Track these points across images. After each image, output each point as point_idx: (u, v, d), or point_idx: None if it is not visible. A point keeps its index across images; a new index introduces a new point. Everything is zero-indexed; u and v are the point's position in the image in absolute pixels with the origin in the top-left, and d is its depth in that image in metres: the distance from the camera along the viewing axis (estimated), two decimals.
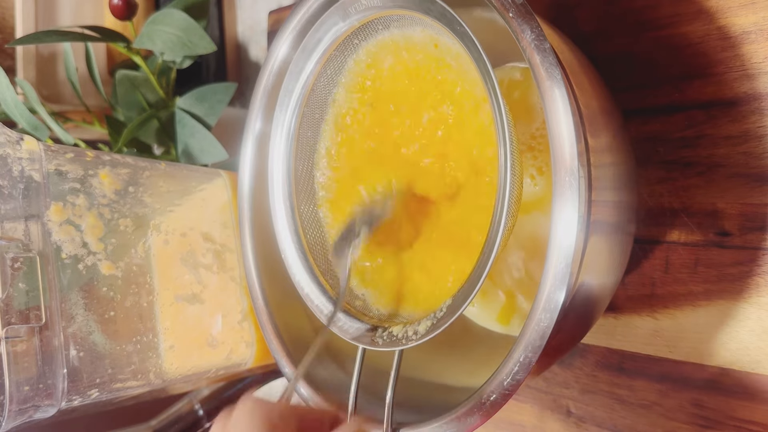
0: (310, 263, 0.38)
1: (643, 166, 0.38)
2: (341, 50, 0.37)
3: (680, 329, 0.37)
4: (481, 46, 0.28)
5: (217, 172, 0.47)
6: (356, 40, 0.37)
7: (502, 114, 0.27)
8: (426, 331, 0.31)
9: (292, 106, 0.38)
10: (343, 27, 0.36)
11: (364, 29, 0.36)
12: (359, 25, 0.35)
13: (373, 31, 0.36)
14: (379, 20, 0.35)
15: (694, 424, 0.36)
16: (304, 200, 0.39)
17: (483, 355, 0.41)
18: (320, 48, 0.37)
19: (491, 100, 0.28)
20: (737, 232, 0.34)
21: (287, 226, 0.39)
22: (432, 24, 0.32)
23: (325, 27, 0.36)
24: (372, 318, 0.36)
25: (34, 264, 0.34)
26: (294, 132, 0.39)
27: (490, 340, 0.41)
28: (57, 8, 0.70)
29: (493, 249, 0.28)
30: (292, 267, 0.38)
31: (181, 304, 0.41)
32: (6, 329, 0.32)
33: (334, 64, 0.38)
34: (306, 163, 0.40)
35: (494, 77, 0.28)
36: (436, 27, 0.32)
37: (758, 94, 0.34)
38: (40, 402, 0.33)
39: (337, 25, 0.36)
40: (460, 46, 0.30)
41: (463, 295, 0.30)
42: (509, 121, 0.28)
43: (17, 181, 0.34)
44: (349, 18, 0.35)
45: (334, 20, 0.36)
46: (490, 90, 0.28)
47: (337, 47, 0.37)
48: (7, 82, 0.51)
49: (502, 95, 0.27)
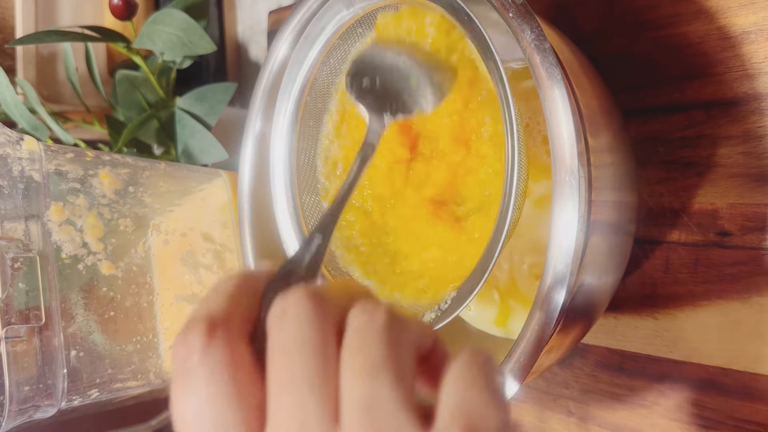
0: None
1: (643, 166, 0.38)
2: (345, 39, 0.37)
3: (680, 329, 0.37)
4: (486, 32, 0.28)
5: (217, 172, 0.47)
6: (360, 29, 0.36)
7: (510, 105, 0.27)
8: (429, 324, 0.31)
9: (294, 95, 0.38)
10: (347, 15, 0.36)
11: (368, 18, 0.36)
12: (363, 13, 0.35)
13: (375, 20, 0.36)
14: (384, 9, 0.35)
15: (694, 424, 0.36)
16: (306, 190, 0.39)
17: None
18: (323, 37, 0.37)
19: (497, 89, 0.28)
20: (737, 232, 0.34)
21: (288, 216, 0.38)
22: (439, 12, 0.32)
23: (329, 15, 0.36)
24: None
25: (34, 264, 0.34)
26: (296, 122, 0.39)
27: (489, 343, 0.41)
28: (57, 8, 0.70)
29: (501, 238, 0.28)
30: None
31: (181, 304, 0.41)
32: (6, 329, 0.32)
33: (338, 54, 0.37)
34: (308, 152, 0.40)
35: (501, 66, 0.28)
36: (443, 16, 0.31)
37: (758, 94, 0.34)
38: (40, 402, 0.33)
39: (341, 13, 0.36)
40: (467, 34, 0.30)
41: (467, 287, 0.30)
42: (517, 116, 0.28)
43: (17, 181, 0.34)
44: (353, 6, 0.35)
45: (338, 8, 0.36)
46: (497, 80, 0.28)
47: (341, 36, 0.37)
48: (7, 82, 0.51)
49: (509, 84, 0.27)
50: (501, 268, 0.40)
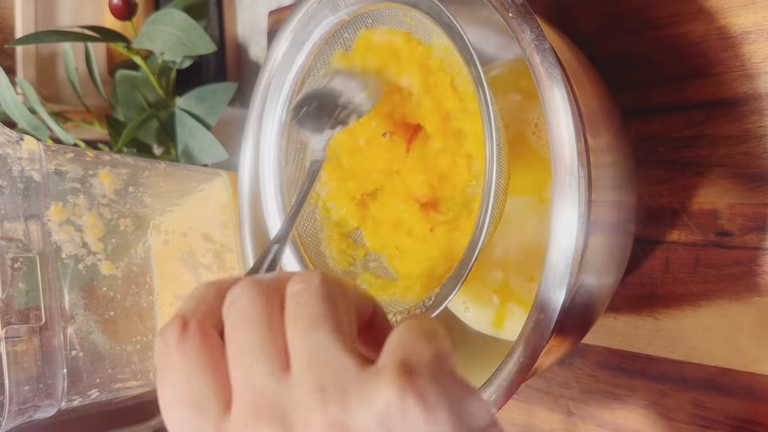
0: (301, 253, 0.38)
1: (643, 166, 0.38)
2: (331, 44, 0.37)
3: (680, 329, 0.37)
4: (466, 36, 0.28)
5: (217, 172, 0.47)
6: (346, 33, 0.37)
7: (488, 104, 0.27)
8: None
9: (282, 98, 0.39)
10: (333, 20, 0.36)
11: (353, 22, 0.36)
12: (349, 18, 0.36)
13: (362, 24, 0.36)
14: (368, 14, 0.35)
15: (694, 424, 0.36)
16: (295, 191, 0.39)
17: (480, 359, 0.41)
18: (310, 41, 0.37)
19: (477, 90, 0.28)
20: (737, 232, 0.34)
21: (278, 217, 0.39)
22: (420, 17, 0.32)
23: (315, 20, 0.37)
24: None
25: (34, 264, 0.34)
26: (285, 125, 0.39)
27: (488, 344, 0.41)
28: (57, 8, 0.70)
29: (481, 235, 0.28)
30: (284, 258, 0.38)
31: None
32: (6, 329, 0.32)
33: (325, 58, 0.38)
34: (297, 154, 0.40)
35: (480, 69, 0.28)
36: (424, 20, 0.32)
37: (758, 94, 0.34)
38: (40, 402, 0.33)
39: (327, 18, 0.36)
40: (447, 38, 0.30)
41: (450, 285, 0.30)
42: (495, 113, 0.28)
43: (17, 181, 0.34)
44: (338, 11, 0.36)
45: (324, 13, 0.36)
46: (477, 82, 0.28)
47: (327, 40, 0.37)
48: (7, 82, 0.51)
49: (488, 86, 0.28)
50: (496, 270, 0.40)
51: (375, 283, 0.37)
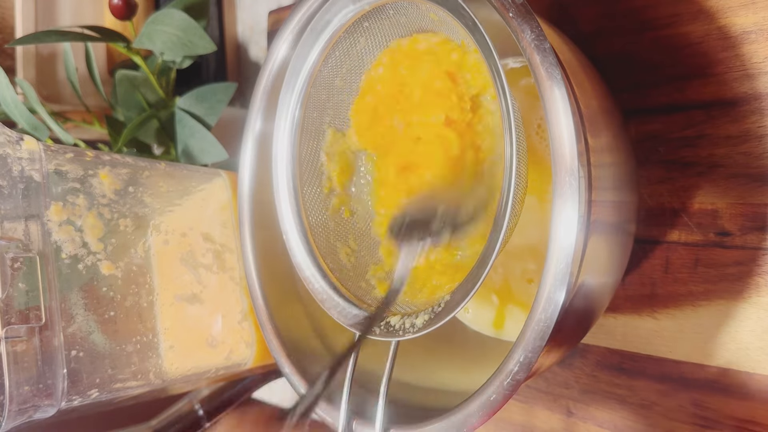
0: (311, 245, 0.38)
1: (643, 166, 0.38)
2: (350, 33, 0.37)
3: (680, 329, 0.37)
4: (486, 32, 0.28)
5: (217, 172, 0.47)
6: (366, 23, 0.37)
7: (508, 100, 0.27)
8: (423, 325, 0.31)
9: (299, 86, 0.38)
10: (353, 10, 0.36)
11: (374, 13, 0.36)
12: (369, 8, 0.35)
13: (384, 15, 0.36)
14: (390, 5, 0.35)
15: (694, 424, 0.36)
16: (308, 182, 0.39)
17: (480, 359, 0.41)
18: (329, 30, 0.37)
19: (496, 85, 0.28)
20: (737, 232, 0.34)
21: (290, 207, 0.38)
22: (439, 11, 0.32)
23: (335, 9, 0.36)
24: (370, 306, 0.36)
25: (34, 264, 0.34)
26: (299, 113, 0.39)
27: (488, 345, 0.41)
28: (57, 8, 0.70)
29: (497, 245, 0.28)
30: (293, 248, 0.38)
31: (181, 304, 0.41)
32: (6, 329, 0.32)
33: (343, 47, 0.38)
34: (311, 143, 0.39)
35: (500, 65, 0.28)
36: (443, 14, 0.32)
37: (758, 94, 0.34)
38: (40, 402, 0.33)
39: (347, 8, 0.36)
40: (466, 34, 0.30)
41: (461, 293, 0.30)
42: (515, 109, 0.28)
43: (17, 181, 0.34)
44: (360, 1, 0.35)
45: (344, 2, 0.36)
46: (496, 77, 0.28)
47: (346, 30, 0.37)
48: (7, 82, 0.51)
49: (507, 81, 0.27)
50: (496, 272, 0.40)
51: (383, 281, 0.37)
